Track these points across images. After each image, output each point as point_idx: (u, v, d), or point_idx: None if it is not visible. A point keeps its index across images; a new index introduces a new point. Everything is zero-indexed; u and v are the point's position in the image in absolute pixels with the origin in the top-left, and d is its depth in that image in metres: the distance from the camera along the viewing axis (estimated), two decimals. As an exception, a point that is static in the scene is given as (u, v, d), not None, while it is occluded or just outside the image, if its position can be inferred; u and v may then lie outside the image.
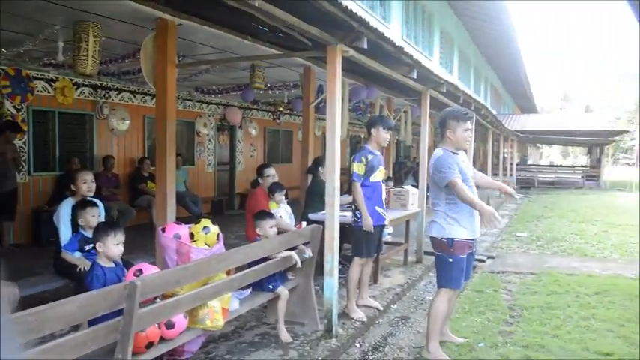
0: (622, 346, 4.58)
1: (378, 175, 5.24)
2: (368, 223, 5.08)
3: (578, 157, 59.57)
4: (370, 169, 5.14)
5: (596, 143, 27.36)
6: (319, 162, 6.77)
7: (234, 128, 13.48)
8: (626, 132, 37.01)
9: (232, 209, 13.02)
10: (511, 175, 22.15)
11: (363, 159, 5.13)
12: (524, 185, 25.13)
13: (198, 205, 10.39)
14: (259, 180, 6.05)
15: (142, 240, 6.58)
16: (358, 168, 5.13)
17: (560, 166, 37.17)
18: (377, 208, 5.23)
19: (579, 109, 67.41)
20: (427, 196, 8.48)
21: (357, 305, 5.34)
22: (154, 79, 5.08)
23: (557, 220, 13.24)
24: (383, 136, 5.24)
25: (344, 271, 5.60)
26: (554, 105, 74.61)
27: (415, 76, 6.51)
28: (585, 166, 31.46)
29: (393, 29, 12.17)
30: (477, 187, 4.47)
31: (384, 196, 5.42)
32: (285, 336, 4.48)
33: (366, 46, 4.67)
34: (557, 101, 76.43)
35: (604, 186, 25.85)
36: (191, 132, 12.03)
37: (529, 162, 31.27)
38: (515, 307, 5.73)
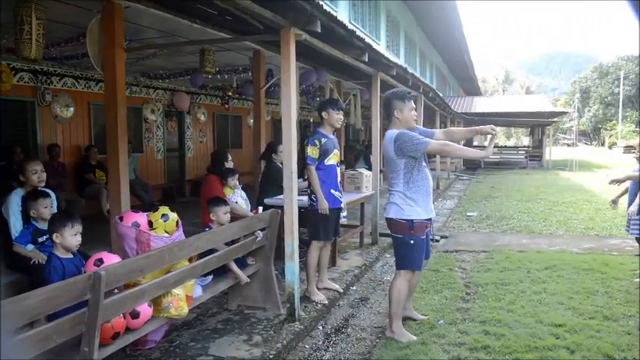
0: (572, 317, 4.78)
1: (333, 158, 5.26)
2: (323, 206, 5.10)
3: (521, 137, 61.57)
4: (324, 152, 5.14)
5: (538, 124, 28.23)
6: (272, 148, 6.73)
7: (182, 114, 13.22)
8: (565, 113, 38.47)
9: (183, 196, 12.82)
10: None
11: (317, 142, 5.13)
12: (471, 166, 25.74)
13: (149, 193, 10.17)
14: (226, 164, 5.92)
15: (93, 230, 6.37)
16: (312, 151, 5.12)
17: (505, 146, 38.14)
18: (332, 191, 5.25)
19: (520, 91, 69.49)
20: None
21: (317, 288, 5.37)
22: (102, 63, 4.93)
23: (505, 199, 13.62)
24: (335, 117, 5.24)
25: (302, 255, 5.62)
26: (497, 87, 76.64)
27: (366, 60, 6.56)
28: (528, 147, 32.50)
29: (341, 12, 12.19)
30: (459, 142, 4.63)
31: (339, 179, 5.45)
32: (243, 277, 4.47)
33: (319, 30, 4.66)
34: (500, 84, 78.48)
35: (546, 165, 26.74)
36: (138, 118, 11.72)
37: (475, 143, 32.00)
38: (471, 284, 5.88)
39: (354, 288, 5.94)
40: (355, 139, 21.99)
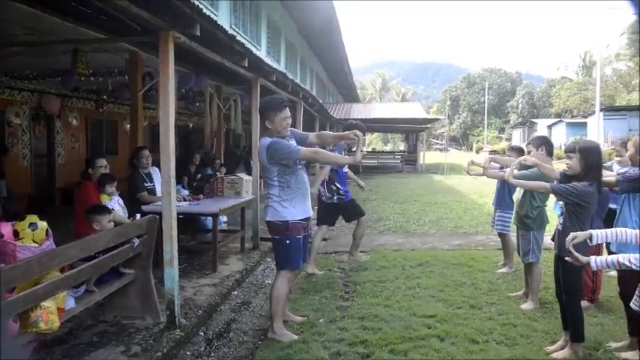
0: (443, 308, 5.16)
1: None
2: None
3: (397, 143, 64.39)
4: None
5: (413, 130, 29.67)
6: (134, 153, 6.65)
7: (51, 118, 12.47)
8: (437, 119, 40.84)
9: (53, 205, 12.07)
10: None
11: None
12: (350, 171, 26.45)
13: (13, 202, 9.48)
14: (90, 171, 5.70)
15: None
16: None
17: (382, 151, 39.77)
18: None
19: (397, 98, 72.68)
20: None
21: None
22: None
23: (382, 201, 14.16)
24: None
25: (182, 262, 5.52)
26: (375, 95, 79.55)
27: (246, 65, 6.59)
28: (404, 152, 34.09)
29: (221, 17, 12.11)
30: (326, 147, 4.78)
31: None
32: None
33: (199, 33, 4.63)
34: (377, 91, 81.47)
35: (420, 169, 28.13)
36: (0, 122, 10.88)
37: (353, 148, 32.94)
38: (350, 283, 6.11)
39: (236, 292, 5.93)
40: (236, 145, 21.88)
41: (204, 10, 4.59)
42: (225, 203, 6.97)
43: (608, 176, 4.28)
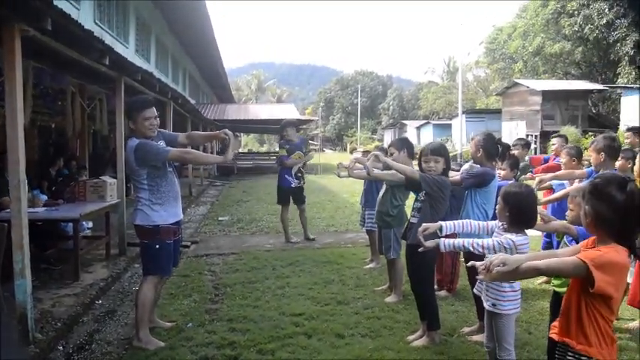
0: (311, 305, 5.25)
1: None
2: None
3: (274, 144, 64.77)
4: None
5: (287, 131, 29.88)
6: (2, 156, 6.19)
7: None
8: (311, 120, 41.63)
9: None
10: (213, 162, 22.79)
11: None
12: (225, 172, 26.18)
13: None
14: None
15: None
16: None
17: (258, 152, 39.73)
18: None
19: (272, 99, 73.12)
20: (128, 187, 8.33)
21: None
22: None
23: (256, 202, 14.14)
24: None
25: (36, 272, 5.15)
26: (250, 96, 79.41)
27: (107, 63, 6.29)
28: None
29: (84, 11, 11.49)
30: (198, 148, 4.68)
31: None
32: None
33: (50, 27, 4.35)
34: (253, 92, 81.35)
35: (295, 170, 28.43)
36: None
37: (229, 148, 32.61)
38: (220, 286, 6.03)
39: (100, 301, 5.63)
40: (105, 147, 20.85)
41: (60, 4, 4.30)
42: (88, 208, 6.63)
43: (453, 175, 4.61)
